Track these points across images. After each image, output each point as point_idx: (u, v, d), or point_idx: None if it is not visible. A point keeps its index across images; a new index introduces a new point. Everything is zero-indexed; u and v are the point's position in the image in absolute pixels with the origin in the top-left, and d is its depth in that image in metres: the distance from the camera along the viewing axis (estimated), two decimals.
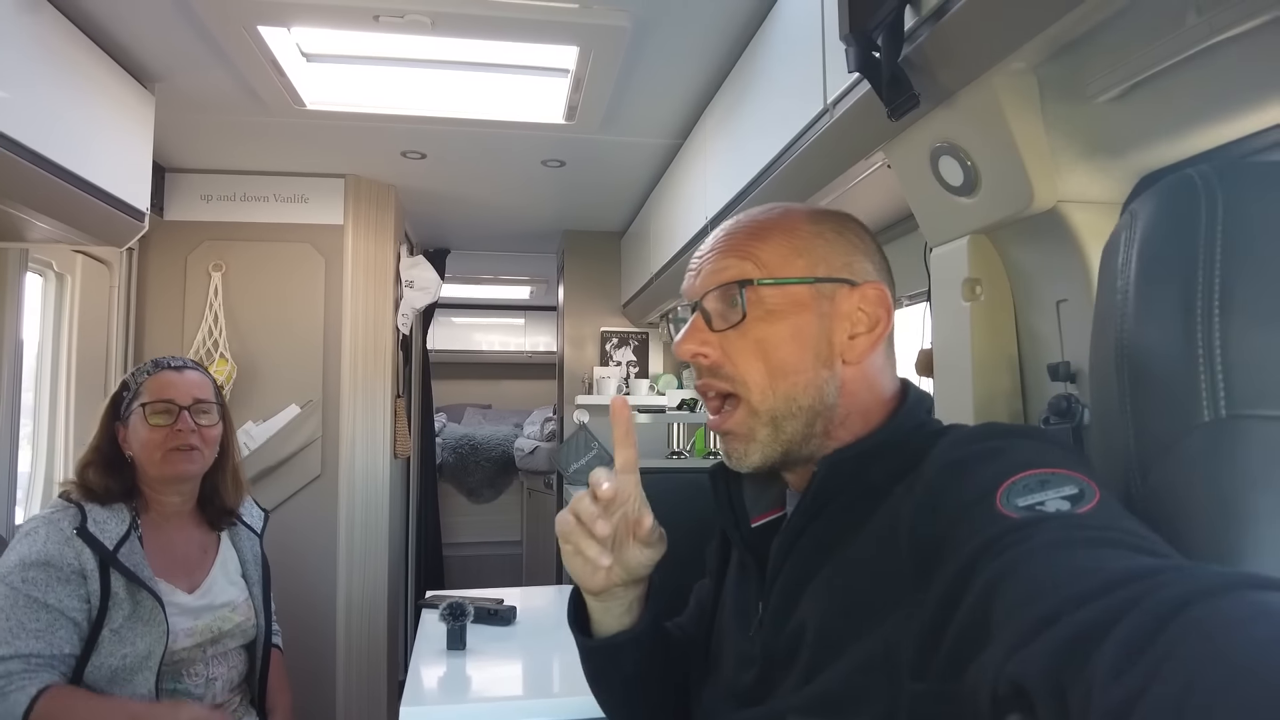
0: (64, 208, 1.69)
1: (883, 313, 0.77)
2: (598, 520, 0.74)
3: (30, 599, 1.35)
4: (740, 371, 0.75)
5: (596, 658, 0.86)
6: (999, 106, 0.97)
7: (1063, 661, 0.42)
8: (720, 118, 1.96)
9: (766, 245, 0.77)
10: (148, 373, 1.57)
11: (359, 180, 2.88)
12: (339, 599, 2.75)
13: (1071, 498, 0.55)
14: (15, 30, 1.48)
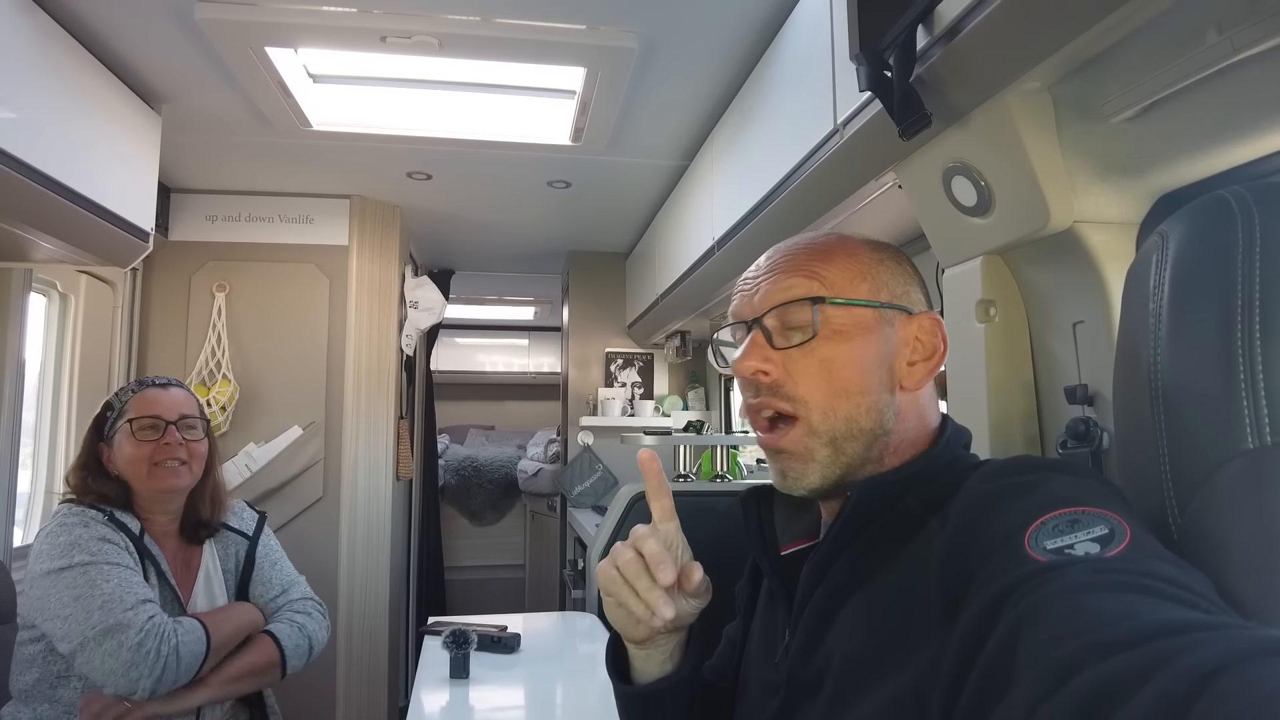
0: (69, 228, 1.69)
1: (939, 343, 0.77)
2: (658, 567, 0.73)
3: (108, 564, 1.39)
4: (802, 391, 0.74)
5: (638, 705, 0.84)
6: (1013, 126, 0.96)
7: (1090, 716, 0.41)
8: (728, 138, 1.96)
9: (832, 266, 0.76)
10: (132, 391, 1.58)
11: (364, 201, 2.88)
12: (339, 624, 2.71)
13: (1101, 539, 0.53)
14: (23, 51, 1.48)
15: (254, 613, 1.61)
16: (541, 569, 4.70)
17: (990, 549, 0.57)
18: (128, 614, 1.33)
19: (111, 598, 1.34)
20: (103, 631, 1.31)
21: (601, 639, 1.81)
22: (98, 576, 1.37)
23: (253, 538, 1.73)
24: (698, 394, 3.72)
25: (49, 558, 1.40)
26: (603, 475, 3.44)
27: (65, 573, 1.37)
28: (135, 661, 1.31)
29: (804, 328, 0.74)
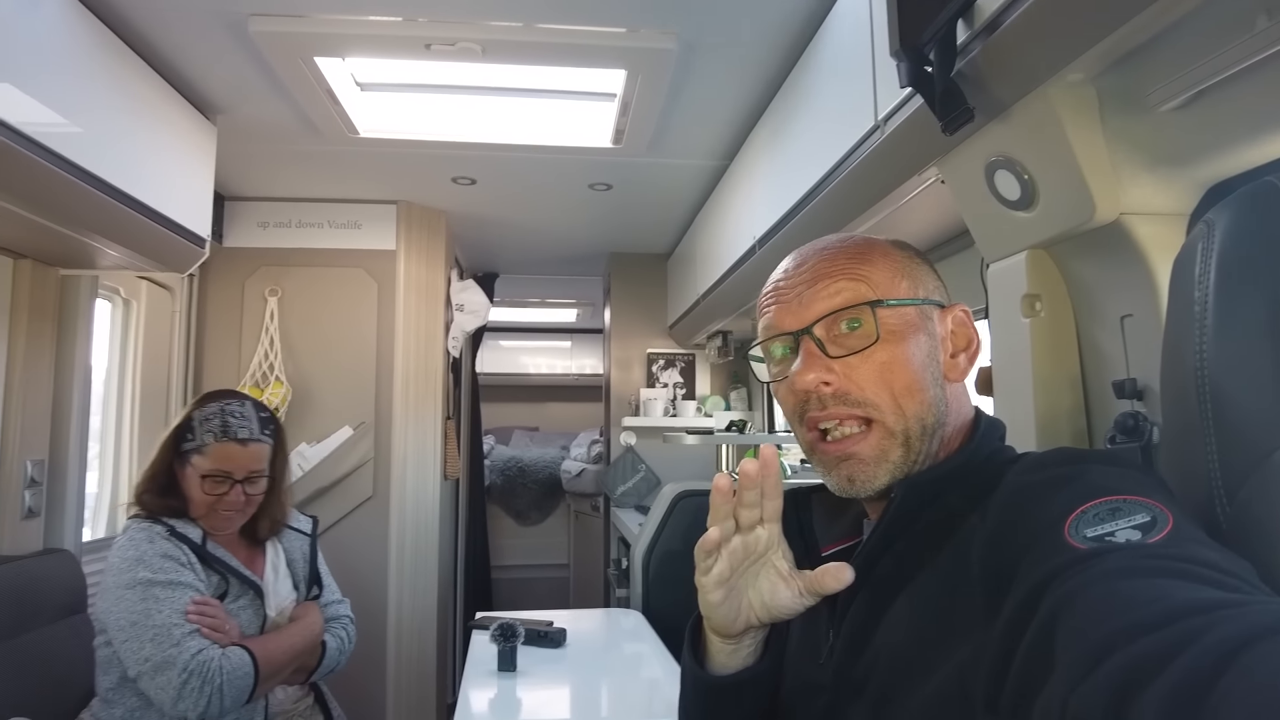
0: (132, 235, 1.76)
1: (972, 333, 0.78)
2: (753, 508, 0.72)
3: (166, 584, 1.47)
4: (869, 395, 0.73)
5: (717, 695, 0.82)
6: (1057, 119, 0.95)
7: (1119, 699, 0.41)
8: (768, 137, 1.96)
9: (873, 267, 0.76)
10: (214, 435, 1.61)
11: (410, 206, 2.94)
12: (389, 619, 2.78)
13: (1143, 526, 0.53)
14: (89, 67, 1.55)
15: (317, 629, 1.68)
16: (586, 568, 4.74)
17: (1031, 540, 0.57)
18: (172, 651, 1.41)
19: (161, 630, 1.43)
20: (154, 666, 1.41)
21: (645, 637, 1.83)
22: (153, 604, 1.44)
23: (312, 535, 1.83)
24: (740, 394, 3.71)
25: (116, 571, 1.49)
26: (645, 475, 3.46)
27: (128, 592, 1.46)
28: (180, 696, 1.40)
29: (860, 333, 0.73)
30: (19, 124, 1.31)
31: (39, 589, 1.79)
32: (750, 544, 0.74)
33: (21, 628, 1.70)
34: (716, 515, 0.74)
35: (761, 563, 0.75)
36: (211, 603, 1.51)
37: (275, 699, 1.62)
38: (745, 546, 0.74)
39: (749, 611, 0.76)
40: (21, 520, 1.87)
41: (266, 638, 1.58)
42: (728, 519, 0.73)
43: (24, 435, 1.89)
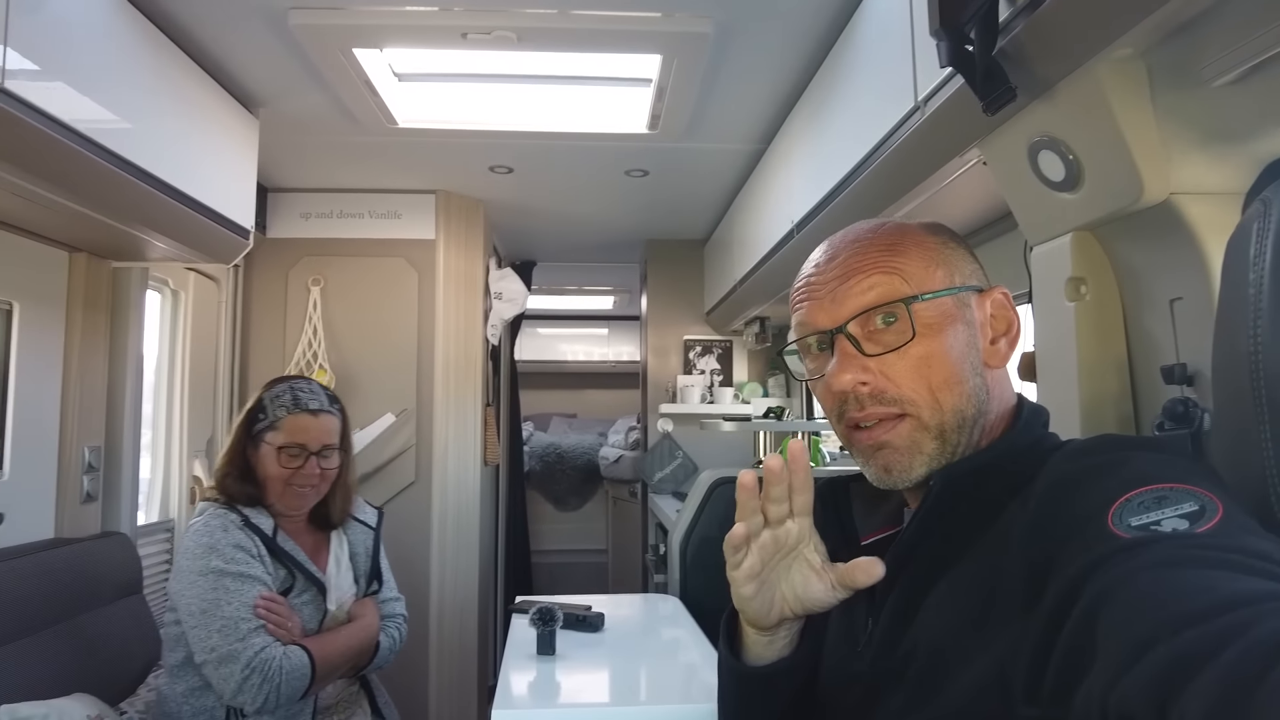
0: (179, 227, 1.81)
1: (1013, 315, 0.76)
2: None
3: (237, 575, 1.52)
4: (906, 392, 0.72)
5: (752, 684, 0.82)
6: (1104, 96, 0.92)
7: (1164, 692, 0.40)
8: (806, 120, 1.94)
9: (907, 258, 0.74)
10: (286, 409, 1.66)
11: (449, 195, 2.97)
12: (432, 602, 2.83)
13: (1190, 515, 0.52)
14: (136, 63, 1.59)
15: (373, 630, 1.72)
16: (624, 553, 4.77)
17: (1073, 529, 0.56)
18: (237, 645, 1.46)
19: (229, 622, 1.47)
20: (219, 657, 1.46)
21: (683, 622, 1.84)
22: (223, 594, 1.50)
23: (376, 528, 1.86)
24: (778, 380, 3.69)
25: (191, 555, 1.54)
26: (683, 462, 3.46)
27: (200, 579, 1.51)
28: (241, 689, 1.46)
29: (895, 329, 0.72)
30: (72, 121, 1.35)
31: (97, 570, 1.86)
32: (780, 538, 0.73)
33: (82, 607, 1.77)
34: (744, 511, 0.73)
35: (793, 556, 0.74)
36: (278, 600, 1.55)
37: (325, 691, 1.66)
38: (775, 541, 0.73)
39: (782, 604, 0.75)
40: (80, 504, 1.94)
41: (325, 638, 1.61)
42: (755, 514, 0.73)
43: (81, 422, 1.95)
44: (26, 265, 1.82)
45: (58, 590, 1.71)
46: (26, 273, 1.82)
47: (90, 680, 1.64)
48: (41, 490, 1.87)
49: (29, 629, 1.61)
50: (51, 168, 1.40)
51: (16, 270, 1.79)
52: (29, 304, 1.82)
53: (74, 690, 1.55)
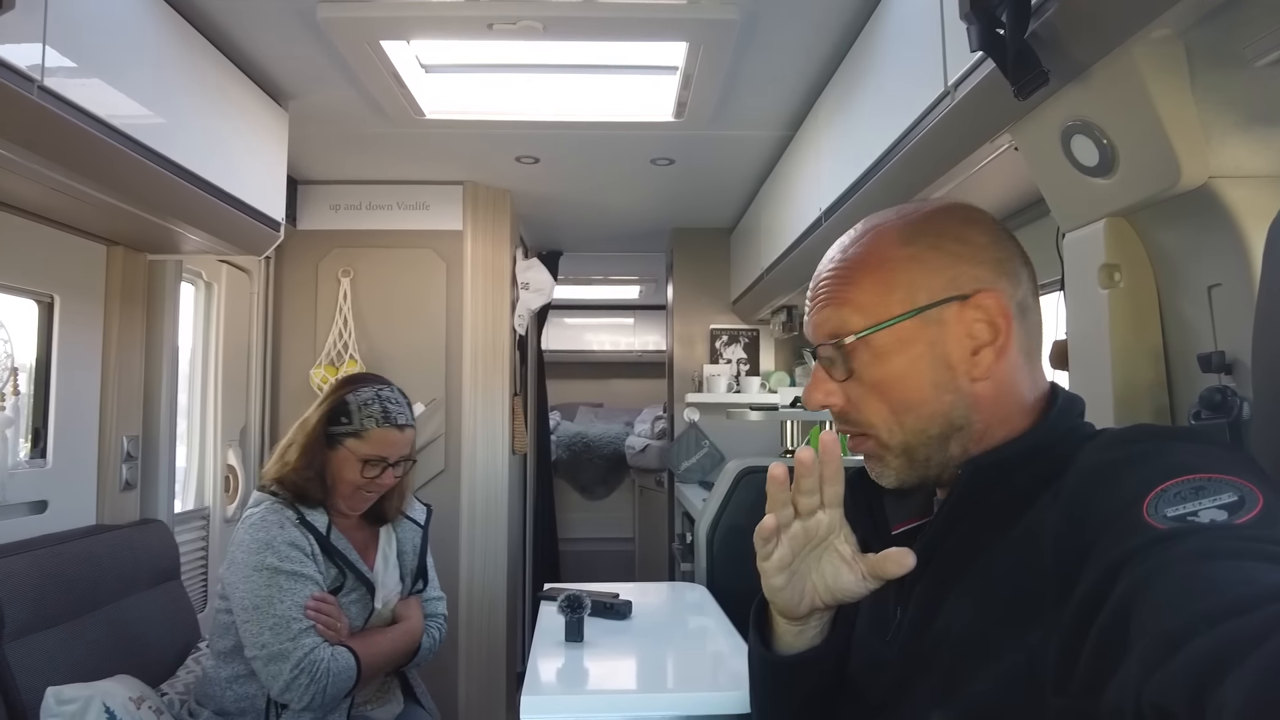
0: (212, 220, 1.84)
1: (1000, 320, 0.72)
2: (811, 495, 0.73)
3: (291, 574, 1.54)
4: (865, 415, 0.75)
5: (783, 674, 0.83)
6: (1140, 78, 0.90)
7: (1200, 686, 0.39)
8: (834, 106, 1.92)
9: (858, 288, 0.75)
10: (376, 421, 1.65)
11: (476, 186, 2.99)
12: (461, 589, 2.86)
13: (1229, 506, 0.51)
14: (169, 58, 1.62)
15: (417, 632, 1.74)
16: (650, 542, 4.78)
17: (1107, 520, 0.56)
18: (288, 645, 1.49)
19: (281, 621, 1.50)
20: (269, 655, 1.49)
21: (709, 611, 1.84)
22: (276, 592, 1.52)
23: (424, 526, 1.87)
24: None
25: (247, 549, 1.56)
26: (709, 451, 3.46)
27: (255, 574, 1.53)
28: (289, 688, 1.49)
29: (843, 364, 0.75)
30: (109, 117, 1.38)
31: (137, 557, 1.90)
32: (811, 529, 0.74)
33: (123, 592, 1.82)
34: (774, 503, 0.74)
35: (824, 546, 0.75)
36: (328, 600, 1.57)
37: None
38: (806, 532, 0.74)
39: (813, 594, 0.76)
40: (120, 492, 1.99)
41: (371, 640, 1.63)
42: (786, 506, 0.74)
43: (120, 412, 2.00)
44: (67, 259, 1.87)
45: (101, 575, 1.75)
46: (67, 266, 1.87)
47: (131, 663, 1.69)
48: (83, 478, 1.92)
49: (74, 613, 1.66)
50: (89, 163, 1.42)
51: (57, 264, 1.83)
52: (69, 296, 1.87)
53: (116, 672, 1.59)
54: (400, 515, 1.82)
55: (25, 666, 1.49)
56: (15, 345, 1.66)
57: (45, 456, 1.81)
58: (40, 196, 1.60)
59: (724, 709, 1.27)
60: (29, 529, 1.73)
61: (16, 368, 1.66)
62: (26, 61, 1.18)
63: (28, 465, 1.78)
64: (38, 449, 1.82)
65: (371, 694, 1.73)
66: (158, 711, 1.54)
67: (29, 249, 1.74)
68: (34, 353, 1.82)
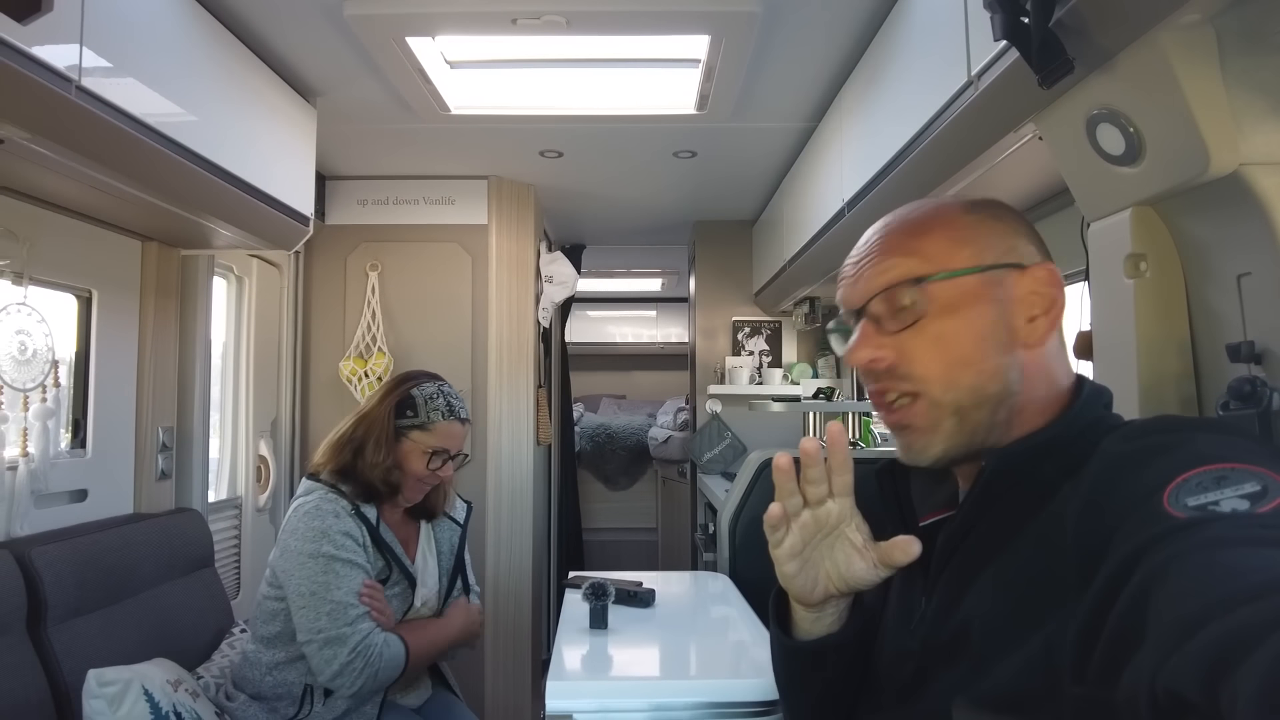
0: (243, 216, 1.87)
1: (1056, 293, 0.74)
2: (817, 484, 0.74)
3: (346, 561, 1.57)
4: (919, 369, 0.73)
5: (802, 660, 0.85)
6: (1168, 65, 0.89)
7: (1213, 672, 0.40)
8: (856, 97, 1.91)
9: (928, 239, 0.75)
10: (442, 414, 1.70)
11: (500, 181, 3.01)
12: (488, 577, 2.90)
13: (1251, 495, 0.51)
14: (200, 57, 1.65)
15: (465, 627, 1.78)
16: (673, 532, 4.80)
17: (1128, 509, 0.56)
18: (345, 629, 1.52)
19: (338, 607, 1.53)
20: (325, 640, 1.52)
21: (732, 600, 1.85)
22: (333, 579, 1.55)
23: (464, 524, 1.90)
24: (828, 361, 3.66)
25: (302, 537, 1.59)
26: (731, 442, 3.46)
27: (311, 561, 1.56)
28: (340, 673, 1.52)
29: (910, 309, 0.73)
30: (143, 115, 1.41)
31: (173, 544, 1.95)
32: (821, 518, 0.75)
33: (160, 578, 1.87)
34: (781, 492, 0.75)
35: (835, 535, 0.76)
36: (377, 588, 1.61)
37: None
38: (816, 520, 0.75)
39: (826, 582, 0.77)
40: (156, 482, 2.04)
41: (420, 630, 1.66)
42: (793, 495, 0.75)
43: (155, 404, 2.05)
44: (104, 254, 1.91)
45: (139, 562, 1.80)
46: (104, 261, 1.91)
47: (168, 647, 1.73)
48: (121, 468, 1.97)
49: (113, 598, 1.71)
50: (125, 160, 1.46)
51: (95, 259, 1.88)
52: (107, 291, 1.91)
53: (154, 656, 1.63)
54: (442, 513, 1.85)
55: (68, 650, 1.54)
56: (56, 339, 1.71)
57: (85, 447, 1.87)
58: (78, 194, 1.64)
59: (747, 696, 1.28)
60: (70, 517, 1.78)
61: (57, 360, 1.71)
62: (65, 62, 1.21)
63: (68, 455, 1.83)
64: (77, 439, 1.87)
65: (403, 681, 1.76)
66: (194, 694, 1.58)
67: (68, 245, 1.79)
68: (74, 346, 1.87)
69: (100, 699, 1.43)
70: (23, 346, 1.63)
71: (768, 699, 1.23)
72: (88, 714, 1.43)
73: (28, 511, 1.63)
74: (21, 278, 1.63)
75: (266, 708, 1.61)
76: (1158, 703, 0.43)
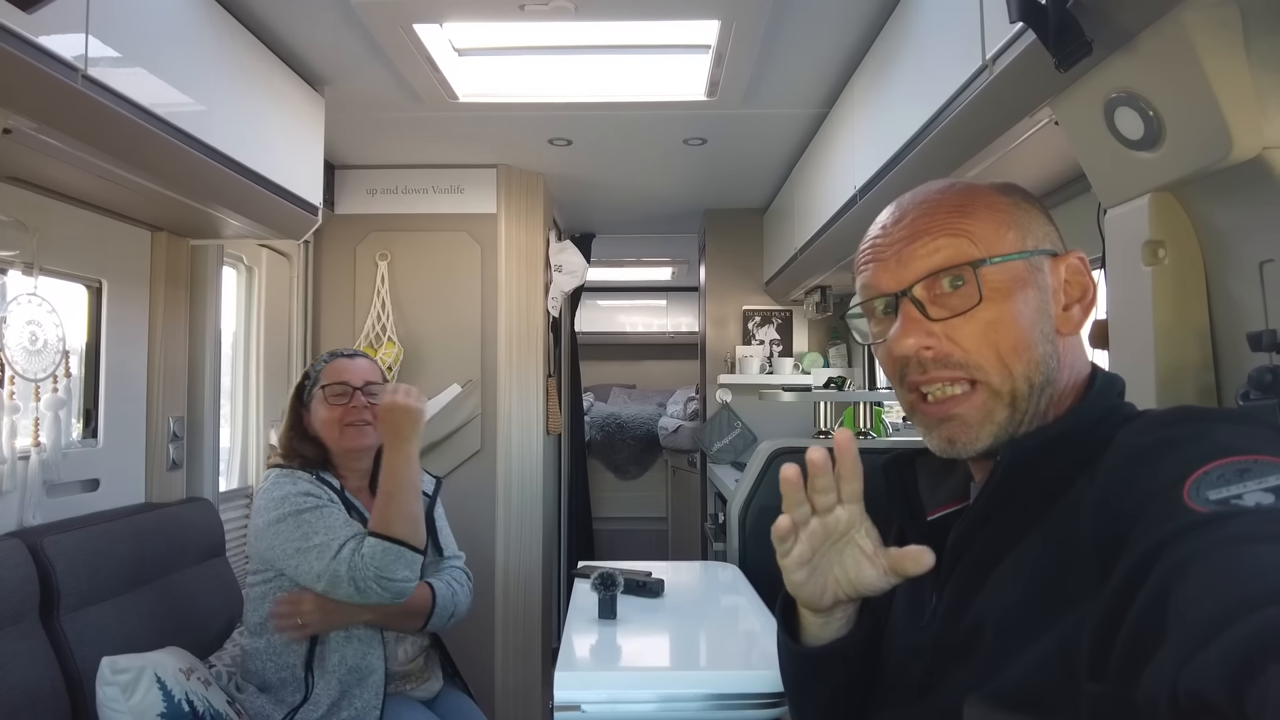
0: (252, 205, 1.87)
1: (1089, 281, 0.73)
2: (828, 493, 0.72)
3: (311, 510, 1.60)
4: (974, 357, 0.70)
5: (811, 665, 0.83)
6: (1190, 46, 0.87)
7: (1239, 673, 0.38)
8: (869, 82, 1.88)
9: (976, 220, 0.72)
10: (325, 361, 1.79)
11: (510, 169, 3.00)
12: (497, 567, 2.91)
13: (1276, 489, 0.49)
14: (209, 47, 1.64)
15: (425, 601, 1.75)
16: (683, 522, 4.80)
17: (1146, 503, 0.54)
18: (333, 564, 1.54)
19: (322, 548, 1.56)
20: (331, 579, 1.55)
21: (742, 590, 1.85)
22: (307, 529, 1.58)
23: (433, 497, 1.90)
24: (839, 350, 3.63)
25: (266, 512, 1.63)
26: (741, 432, 3.45)
27: (280, 525, 1.60)
28: (360, 594, 1.55)
29: (961, 294, 0.70)
30: (151, 105, 1.40)
31: (184, 534, 1.96)
32: (830, 525, 0.73)
33: (171, 567, 1.88)
34: (789, 503, 0.74)
35: (845, 541, 0.74)
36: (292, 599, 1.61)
37: (397, 658, 1.72)
38: (825, 528, 0.73)
39: (835, 588, 0.76)
40: (167, 471, 2.05)
41: (376, 507, 1.63)
42: (801, 505, 0.73)
43: (166, 394, 2.05)
44: (113, 244, 1.91)
45: (150, 551, 1.81)
46: (113, 252, 1.91)
47: (180, 636, 1.74)
48: (132, 458, 1.98)
49: (126, 586, 1.72)
50: (132, 150, 1.46)
51: (104, 249, 1.88)
52: (116, 281, 1.91)
53: (166, 644, 1.64)
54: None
55: (81, 637, 1.55)
56: (67, 329, 1.71)
57: (96, 436, 1.87)
58: (87, 184, 1.64)
59: (756, 687, 1.28)
60: (82, 506, 1.79)
61: (68, 350, 1.71)
62: (71, 52, 1.21)
63: (80, 445, 1.84)
64: (89, 429, 1.88)
65: (410, 670, 1.77)
66: (205, 682, 1.59)
67: (78, 235, 1.79)
68: (84, 336, 1.88)
69: (114, 686, 1.44)
70: (34, 337, 1.63)
71: (778, 691, 1.22)
72: (101, 701, 1.44)
73: (40, 501, 1.63)
74: (31, 268, 1.63)
75: (273, 698, 1.63)
76: (1179, 704, 0.42)
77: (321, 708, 1.59)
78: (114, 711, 1.44)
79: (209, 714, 1.53)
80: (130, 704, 1.44)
